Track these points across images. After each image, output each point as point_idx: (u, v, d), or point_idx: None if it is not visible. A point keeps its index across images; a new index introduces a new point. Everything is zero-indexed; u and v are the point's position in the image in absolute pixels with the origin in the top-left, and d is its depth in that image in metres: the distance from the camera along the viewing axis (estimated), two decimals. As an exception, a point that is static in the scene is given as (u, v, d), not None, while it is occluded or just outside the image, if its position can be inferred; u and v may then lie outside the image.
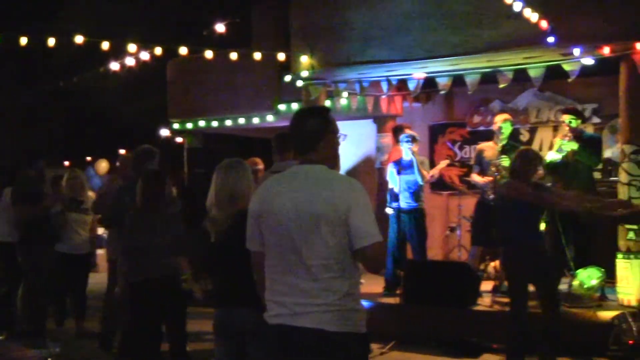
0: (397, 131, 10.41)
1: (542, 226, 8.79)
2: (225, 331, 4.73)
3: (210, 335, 4.95)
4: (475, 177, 9.50)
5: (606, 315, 7.76)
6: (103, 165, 18.72)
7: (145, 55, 9.72)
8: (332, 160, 3.72)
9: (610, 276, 8.45)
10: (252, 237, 3.77)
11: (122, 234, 6.46)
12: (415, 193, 9.60)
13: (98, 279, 10.11)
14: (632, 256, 8.13)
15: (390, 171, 9.76)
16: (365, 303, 8.04)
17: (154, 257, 6.03)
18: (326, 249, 3.46)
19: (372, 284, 9.71)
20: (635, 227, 8.07)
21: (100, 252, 10.23)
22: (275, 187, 3.70)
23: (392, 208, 9.61)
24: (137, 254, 6.13)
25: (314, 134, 3.65)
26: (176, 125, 14.55)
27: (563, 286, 8.74)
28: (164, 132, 15.05)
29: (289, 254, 3.53)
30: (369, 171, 12.78)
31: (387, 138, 12.38)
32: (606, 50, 8.31)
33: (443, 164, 10.53)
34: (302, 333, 3.48)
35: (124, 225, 6.35)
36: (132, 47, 9.49)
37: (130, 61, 9.89)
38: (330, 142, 3.69)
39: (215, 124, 14.03)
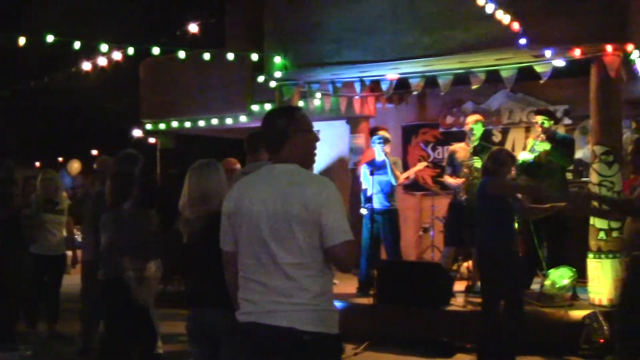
0: (373, 133, 10.44)
1: (515, 226, 8.88)
2: (198, 332, 4.71)
3: (185, 336, 4.92)
4: (448, 179, 9.52)
5: (577, 314, 7.83)
6: (75, 166, 18.63)
7: (117, 55, 9.65)
8: (305, 158, 3.71)
9: (581, 276, 8.53)
10: (225, 237, 3.77)
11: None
12: (389, 194, 9.63)
13: (70, 281, 10.04)
14: (602, 256, 8.20)
15: (364, 172, 9.78)
16: (338, 304, 8.06)
17: (110, 256, 6.03)
18: (298, 248, 3.46)
19: (346, 285, 9.72)
20: (605, 226, 8.15)
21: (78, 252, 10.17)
22: (248, 187, 3.70)
23: (366, 209, 9.62)
24: (106, 252, 6.11)
25: (282, 133, 3.65)
26: (149, 126, 14.47)
27: (535, 286, 8.83)
28: (137, 133, 14.95)
29: (261, 253, 3.53)
30: (342, 172, 12.81)
31: (361, 139, 12.41)
32: (577, 52, 8.39)
33: (420, 165, 10.56)
34: (273, 331, 3.47)
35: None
36: (104, 47, 9.42)
37: (102, 61, 9.81)
38: (300, 141, 3.67)
39: (188, 124, 13.97)
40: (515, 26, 8.21)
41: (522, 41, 8.22)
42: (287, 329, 3.45)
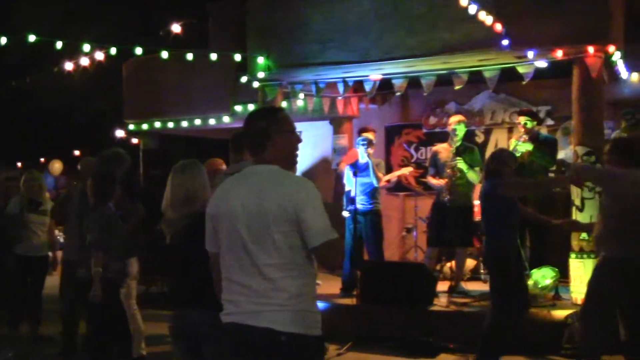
0: (360, 134, 10.47)
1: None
2: (181, 333, 4.70)
3: (169, 337, 4.90)
4: (431, 179, 9.53)
5: (560, 314, 7.87)
6: (57, 166, 18.53)
7: (100, 55, 9.61)
8: (286, 160, 3.71)
9: (564, 276, 8.57)
10: (209, 238, 3.79)
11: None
12: (371, 195, 9.63)
13: (52, 282, 9.98)
14: (585, 256, 8.24)
15: (347, 173, 9.78)
16: (322, 304, 8.06)
17: (86, 257, 6.00)
18: (276, 249, 3.47)
19: (330, 285, 9.72)
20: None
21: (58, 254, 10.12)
22: (229, 188, 3.71)
23: (348, 211, 9.59)
24: (89, 252, 6.09)
25: (263, 134, 3.66)
26: (132, 126, 14.42)
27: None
28: (120, 133, 14.90)
29: (241, 254, 3.55)
30: (325, 172, 12.80)
31: (344, 139, 12.42)
32: (559, 54, 8.44)
33: (405, 170, 10.58)
34: (252, 332, 3.49)
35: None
36: (86, 47, 9.38)
37: (85, 61, 9.76)
38: (281, 142, 3.67)
39: (171, 124, 13.93)
40: (498, 27, 8.25)
41: (505, 42, 8.26)
42: (265, 330, 3.46)
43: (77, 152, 20.03)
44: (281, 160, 3.67)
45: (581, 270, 8.24)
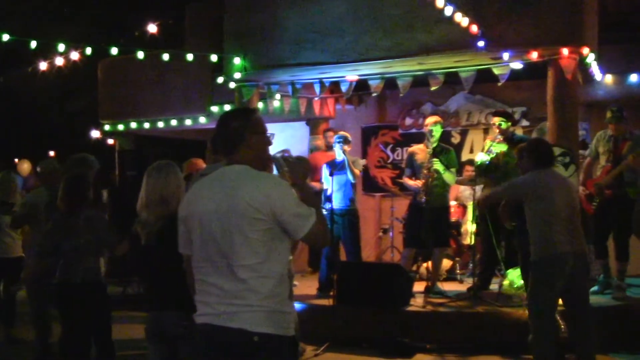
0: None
1: (474, 227, 8.95)
2: (157, 334, 4.69)
3: (144, 340, 4.88)
4: (407, 180, 9.52)
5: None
6: (25, 167, 18.33)
7: (75, 55, 9.55)
8: (259, 161, 3.71)
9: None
10: (182, 240, 3.77)
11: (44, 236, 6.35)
12: (348, 194, 9.62)
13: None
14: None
15: (324, 172, 9.78)
16: (298, 305, 8.06)
17: (75, 260, 5.96)
18: (248, 249, 3.47)
19: (306, 286, 9.73)
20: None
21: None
22: (200, 189, 3.71)
23: (325, 209, 9.58)
24: (59, 256, 6.03)
25: (235, 135, 3.66)
26: (107, 127, 14.31)
27: (494, 286, 8.91)
28: (95, 134, 14.80)
29: (213, 255, 3.54)
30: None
31: (320, 140, 12.42)
32: (534, 55, 8.50)
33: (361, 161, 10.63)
34: (226, 333, 3.48)
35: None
36: (61, 47, 9.32)
37: (60, 61, 9.69)
38: (253, 143, 3.68)
39: (147, 125, 13.84)
40: (474, 29, 8.30)
41: (481, 44, 8.31)
42: (238, 330, 3.46)
43: (52, 153, 19.87)
44: (254, 161, 3.67)
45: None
